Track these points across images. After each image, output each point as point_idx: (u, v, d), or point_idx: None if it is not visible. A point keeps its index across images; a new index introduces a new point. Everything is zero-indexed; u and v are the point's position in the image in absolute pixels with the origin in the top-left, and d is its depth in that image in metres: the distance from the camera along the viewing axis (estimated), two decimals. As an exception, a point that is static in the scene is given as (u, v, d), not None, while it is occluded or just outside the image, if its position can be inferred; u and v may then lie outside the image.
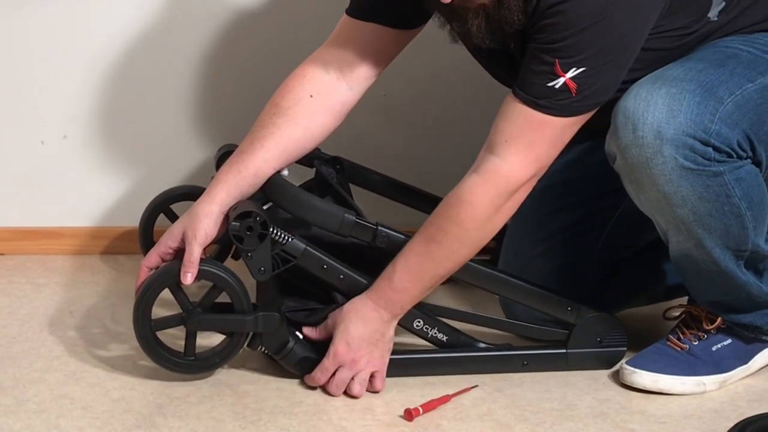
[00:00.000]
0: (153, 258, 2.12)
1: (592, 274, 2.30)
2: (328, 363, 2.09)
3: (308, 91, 2.20)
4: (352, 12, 2.20)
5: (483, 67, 2.25)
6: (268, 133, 2.15)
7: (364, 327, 2.09)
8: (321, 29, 2.64)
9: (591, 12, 1.94)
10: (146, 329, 2.08)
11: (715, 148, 1.97)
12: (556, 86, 1.97)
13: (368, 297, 2.10)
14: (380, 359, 2.11)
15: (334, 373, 2.09)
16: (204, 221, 2.09)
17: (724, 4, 2.09)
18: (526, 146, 2.01)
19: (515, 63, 2.10)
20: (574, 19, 1.94)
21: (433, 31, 2.23)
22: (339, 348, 2.08)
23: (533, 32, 2.00)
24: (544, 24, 1.97)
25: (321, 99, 2.20)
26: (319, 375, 2.09)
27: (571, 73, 1.96)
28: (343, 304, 2.16)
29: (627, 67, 2.01)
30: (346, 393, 2.10)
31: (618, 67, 2.00)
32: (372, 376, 2.11)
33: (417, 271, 2.08)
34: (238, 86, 2.71)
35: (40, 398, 2.06)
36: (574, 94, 1.98)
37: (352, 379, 2.09)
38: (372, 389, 2.11)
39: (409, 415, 2.02)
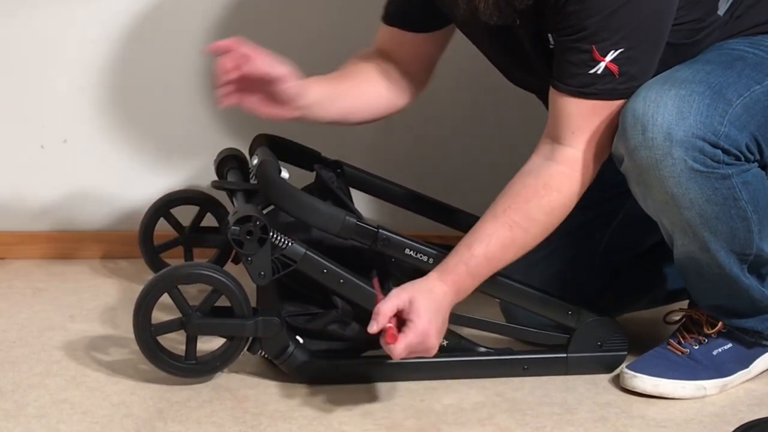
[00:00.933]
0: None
1: (593, 278, 2.29)
2: (412, 339, 1.97)
3: (372, 71, 2.25)
4: (385, 20, 2.24)
5: (487, 58, 2.24)
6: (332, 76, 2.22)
7: (445, 314, 2.03)
8: (322, 33, 2.65)
9: None
10: (146, 333, 2.08)
11: (724, 151, 1.97)
12: (598, 72, 1.98)
13: (442, 280, 2.03)
14: (436, 346, 2.03)
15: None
16: None
17: (729, 1, 2.10)
18: (592, 134, 2.02)
19: (518, 46, 2.10)
20: (601, 2, 1.95)
21: (434, 35, 2.24)
22: (433, 334, 1.97)
23: (557, 20, 1.99)
24: (571, 11, 1.97)
25: (387, 65, 2.24)
26: (401, 350, 1.97)
27: (610, 56, 1.97)
28: (343, 308, 2.16)
29: (662, 45, 2.01)
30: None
31: (654, 44, 2.00)
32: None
33: (497, 257, 2.04)
34: (238, 90, 2.70)
35: (40, 403, 2.06)
36: (617, 76, 1.98)
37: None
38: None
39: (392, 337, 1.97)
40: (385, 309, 1.98)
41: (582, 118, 2.02)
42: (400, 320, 1.99)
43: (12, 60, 2.66)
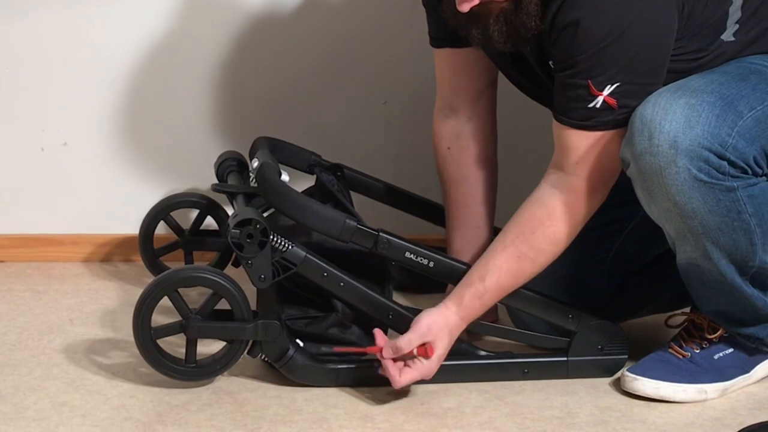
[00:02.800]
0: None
1: (600, 283, 2.29)
2: (416, 374, 2.06)
3: (445, 146, 2.34)
4: (434, 44, 2.28)
5: (503, 74, 2.27)
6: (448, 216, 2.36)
7: (449, 345, 2.10)
8: (322, 47, 2.65)
9: (607, 29, 1.97)
10: (146, 337, 2.08)
11: (731, 163, 1.97)
12: (597, 106, 2.00)
13: (460, 317, 2.10)
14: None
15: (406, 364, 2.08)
16: None
17: (737, 26, 2.09)
18: (595, 164, 2.05)
19: (531, 70, 2.14)
20: (593, 36, 1.97)
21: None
22: (432, 369, 2.07)
23: (553, 51, 2.03)
24: (564, 45, 1.99)
25: (455, 146, 2.33)
26: (406, 381, 2.06)
27: (607, 90, 1.99)
28: (343, 311, 2.15)
29: (662, 74, 2.03)
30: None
31: (652, 75, 2.01)
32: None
33: (506, 286, 2.11)
34: (239, 94, 2.70)
35: (40, 406, 2.06)
36: (616, 109, 2.00)
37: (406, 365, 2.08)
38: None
39: None
40: (404, 344, 2.06)
41: (585, 149, 2.04)
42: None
43: (13, 63, 2.66)
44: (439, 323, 2.08)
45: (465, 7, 1.99)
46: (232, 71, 2.69)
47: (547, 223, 2.07)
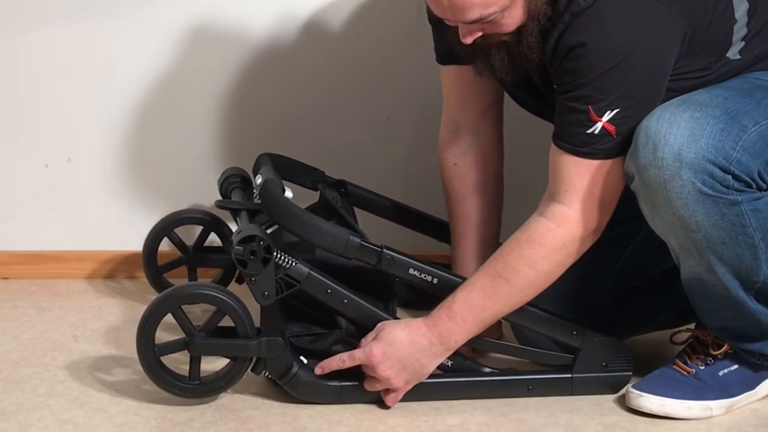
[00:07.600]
0: None
1: (605, 300, 2.29)
2: (359, 355, 2.09)
3: (452, 162, 2.34)
4: (440, 61, 2.29)
5: (509, 95, 2.27)
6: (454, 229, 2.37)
7: (409, 348, 2.09)
8: (326, 62, 2.64)
9: (611, 53, 1.97)
10: (150, 354, 2.08)
11: (735, 177, 1.97)
12: (596, 132, 2.01)
13: (423, 322, 2.10)
14: (404, 383, 2.10)
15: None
16: None
17: (743, 43, 2.09)
18: (587, 193, 2.05)
19: (538, 91, 2.15)
20: (595, 62, 1.98)
21: (438, 55, 2.24)
22: (376, 352, 2.07)
23: (556, 75, 2.03)
24: (567, 68, 2.00)
25: (461, 162, 2.33)
26: (339, 363, 2.10)
27: (606, 117, 2.00)
28: (346, 328, 2.15)
29: (659, 101, 2.03)
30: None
31: (650, 102, 2.02)
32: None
33: (478, 305, 2.09)
34: (243, 110, 2.70)
35: (44, 423, 2.05)
36: (614, 136, 2.01)
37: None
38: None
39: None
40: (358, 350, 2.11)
41: (577, 177, 2.04)
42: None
43: (17, 79, 2.66)
44: (396, 323, 2.11)
45: (468, 40, 2.03)
46: (236, 87, 2.69)
47: (524, 245, 2.07)
